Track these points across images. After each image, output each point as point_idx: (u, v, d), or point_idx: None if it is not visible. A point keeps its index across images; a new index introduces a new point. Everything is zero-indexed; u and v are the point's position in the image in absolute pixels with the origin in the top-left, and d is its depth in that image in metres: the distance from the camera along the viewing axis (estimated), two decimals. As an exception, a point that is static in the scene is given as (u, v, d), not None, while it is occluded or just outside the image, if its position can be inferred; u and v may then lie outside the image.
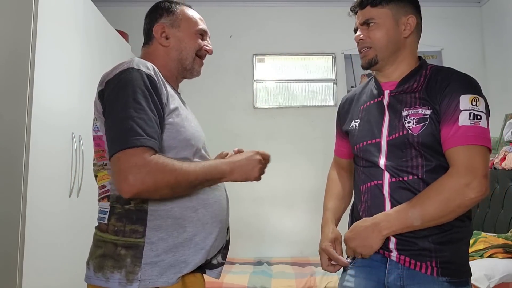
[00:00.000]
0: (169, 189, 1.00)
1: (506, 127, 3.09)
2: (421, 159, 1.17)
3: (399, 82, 1.26)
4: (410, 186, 1.17)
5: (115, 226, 1.06)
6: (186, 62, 1.24)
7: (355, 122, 1.33)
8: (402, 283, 1.17)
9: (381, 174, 1.21)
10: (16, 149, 1.73)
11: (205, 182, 1.07)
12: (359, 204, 1.28)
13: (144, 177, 0.95)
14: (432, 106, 1.18)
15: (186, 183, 1.02)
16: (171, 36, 1.22)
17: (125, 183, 0.95)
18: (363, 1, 1.27)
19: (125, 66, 1.06)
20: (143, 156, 0.96)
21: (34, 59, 1.79)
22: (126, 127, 0.97)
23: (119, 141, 0.97)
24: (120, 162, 0.96)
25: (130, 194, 0.96)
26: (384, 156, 1.21)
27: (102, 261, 1.05)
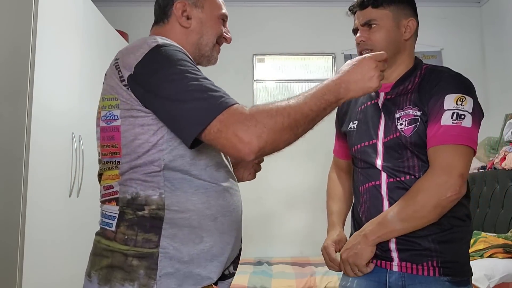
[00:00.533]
0: (288, 131, 0.87)
1: (506, 127, 3.09)
2: (416, 160, 1.18)
3: (394, 84, 1.26)
4: (408, 186, 1.17)
5: (125, 235, 0.93)
6: (206, 48, 1.12)
7: (353, 123, 1.33)
8: (404, 283, 1.17)
9: (379, 174, 1.22)
10: (16, 149, 1.73)
11: (322, 111, 0.92)
12: (359, 205, 1.29)
13: (256, 130, 0.83)
14: (421, 107, 1.18)
15: (302, 119, 0.88)
16: (193, 17, 1.09)
17: (241, 144, 0.82)
18: (364, 2, 1.25)
19: (153, 44, 0.93)
20: (239, 112, 0.84)
21: (34, 59, 1.80)
22: (202, 96, 0.86)
23: (204, 114, 0.84)
24: (221, 131, 0.83)
25: (254, 154, 0.83)
26: (381, 157, 1.22)
27: (109, 272, 0.92)
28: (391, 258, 1.19)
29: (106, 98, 0.98)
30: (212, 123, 0.84)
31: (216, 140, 0.85)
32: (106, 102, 0.98)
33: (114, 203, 0.96)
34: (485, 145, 3.30)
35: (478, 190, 3.22)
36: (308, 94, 0.92)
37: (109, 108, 0.97)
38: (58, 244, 1.99)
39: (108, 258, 0.94)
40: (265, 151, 0.86)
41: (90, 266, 0.98)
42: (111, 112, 0.96)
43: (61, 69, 2.07)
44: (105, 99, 0.99)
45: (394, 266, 1.18)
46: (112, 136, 0.96)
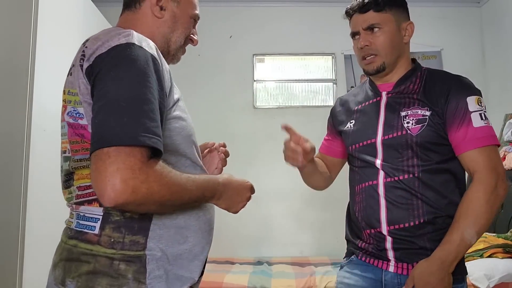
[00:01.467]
0: (158, 205, 0.84)
1: (506, 127, 3.10)
2: (416, 159, 1.18)
3: (396, 83, 1.28)
4: (405, 186, 1.18)
5: (111, 238, 0.87)
6: (173, 46, 1.07)
7: (350, 123, 1.34)
8: (399, 281, 1.19)
9: (376, 174, 1.23)
10: (16, 149, 1.73)
11: (194, 203, 0.93)
12: (354, 205, 1.29)
13: (137, 185, 0.76)
14: (432, 107, 1.19)
15: (178, 202, 0.87)
16: (168, 9, 1.04)
17: (111, 188, 0.74)
18: (365, 5, 1.24)
19: (123, 40, 0.86)
20: (141, 158, 0.77)
21: (34, 59, 1.79)
22: (122, 119, 0.78)
23: (112, 134, 0.77)
24: (109, 159, 0.76)
25: (113, 203, 0.76)
26: (380, 156, 1.23)
27: (91, 279, 0.85)
28: (387, 258, 1.20)
29: (71, 92, 0.94)
30: (111, 148, 0.76)
31: (97, 161, 0.77)
32: (71, 96, 0.93)
33: (97, 204, 0.90)
34: (485, 145, 3.29)
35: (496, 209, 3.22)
36: (198, 182, 0.90)
37: (74, 104, 0.92)
38: (58, 244, 1.98)
39: (89, 264, 0.87)
40: (124, 207, 0.80)
41: (63, 274, 0.89)
42: (75, 109, 0.92)
43: (61, 70, 2.07)
44: (70, 92, 0.94)
45: (391, 266, 1.20)
46: (82, 134, 0.91)
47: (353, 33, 1.30)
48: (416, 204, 1.17)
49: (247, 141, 3.67)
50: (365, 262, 1.25)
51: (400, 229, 1.18)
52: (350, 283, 1.26)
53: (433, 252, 1.12)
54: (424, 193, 1.17)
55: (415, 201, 1.17)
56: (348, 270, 1.29)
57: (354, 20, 1.28)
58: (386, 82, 1.30)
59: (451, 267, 1.11)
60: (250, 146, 3.66)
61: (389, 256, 1.20)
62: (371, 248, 1.24)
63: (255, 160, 3.63)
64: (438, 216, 1.16)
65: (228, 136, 3.71)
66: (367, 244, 1.25)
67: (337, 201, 2.14)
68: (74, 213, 0.95)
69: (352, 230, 1.33)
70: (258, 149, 3.66)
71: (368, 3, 1.24)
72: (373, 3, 1.23)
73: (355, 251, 1.30)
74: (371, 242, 1.24)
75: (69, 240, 0.93)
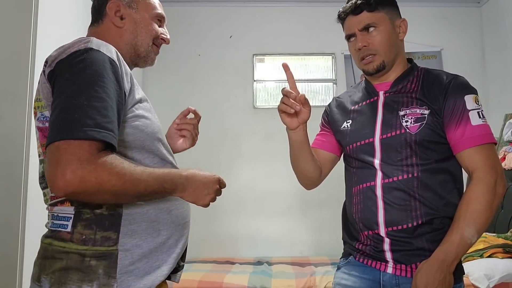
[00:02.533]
0: (111, 195, 0.85)
1: (505, 127, 3.10)
2: (415, 158, 1.18)
3: (393, 83, 1.28)
4: (404, 186, 1.18)
5: (82, 235, 0.91)
6: (141, 49, 1.11)
7: (347, 122, 1.33)
8: (397, 281, 1.18)
9: (374, 175, 1.22)
10: (17, 149, 1.73)
11: (154, 194, 0.93)
12: (352, 206, 1.28)
13: (85, 175, 0.80)
14: (430, 106, 1.19)
15: (133, 192, 0.88)
16: (127, 17, 1.09)
17: (61, 177, 0.79)
18: (358, 7, 1.24)
19: (82, 46, 0.91)
20: (89, 150, 0.81)
21: (34, 59, 1.80)
22: (73, 114, 0.83)
23: (63, 128, 0.82)
24: (59, 152, 0.80)
25: (63, 192, 0.80)
26: (379, 155, 1.22)
27: (63, 275, 0.89)
28: (385, 259, 1.20)
29: (38, 99, 0.99)
30: (61, 142, 0.81)
31: (49, 154, 0.82)
32: (38, 102, 0.99)
33: (68, 204, 0.95)
34: (485, 145, 3.29)
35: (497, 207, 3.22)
36: (158, 173, 0.92)
37: (41, 109, 0.97)
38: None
39: (62, 260, 0.91)
40: (76, 196, 0.83)
41: (38, 271, 0.94)
42: (42, 113, 0.97)
43: (61, 69, 2.07)
44: (38, 99, 0.99)
45: (389, 268, 1.19)
46: None
47: (348, 35, 1.29)
48: (414, 205, 1.17)
49: (247, 141, 3.68)
50: (362, 264, 1.25)
51: (398, 231, 1.17)
52: (348, 284, 1.26)
53: (433, 253, 1.12)
54: (423, 194, 1.17)
55: (413, 202, 1.17)
56: (346, 271, 1.29)
57: (348, 23, 1.28)
58: (383, 82, 1.30)
59: (451, 267, 1.10)
60: (250, 146, 3.66)
61: (387, 258, 1.20)
62: (368, 250, 1.23)
63: (255, 160, 3.63)
64: (436, 217, 1.16)
65: (228, 136, 3.72)
66: (364, 246, 1.25)
67: (336, 201, 2.14)
68: (50, 214, 1.00)
69: (349, 231, 1.33)
70: (258, 149, 3.66)
71: (360, 4, 1.23)
72: (366, 4, 1.23)
73: (352, 252, 1.30)
74: (368, 244, 1.23)
75: (46, 239, 0.98)
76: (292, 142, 1.28)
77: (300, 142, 1.27)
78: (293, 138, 1.26)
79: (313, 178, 1.37)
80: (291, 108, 1.17)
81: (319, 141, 1.44)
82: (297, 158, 1.32)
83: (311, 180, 1.38)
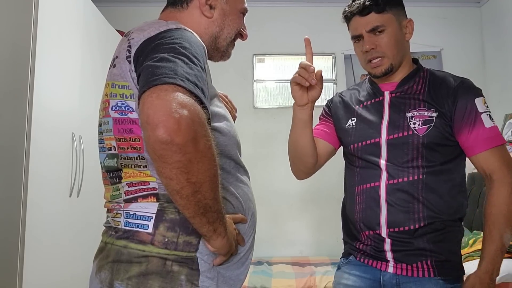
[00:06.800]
0: (201, 174, 0.73)
1: (506, 127, 3.09)
2: (421, 160, 1.18)
3: (399, 83, 1.27)
4: (408, 188, 1.17)
5: (165, 237, 0.83)
6: (223, 43, 1.03)
7: (351, 120, 1.31)
8: (398, 281, 1.19)
9: (379, 175, 1.21)
10: (17, 149, 1.73)
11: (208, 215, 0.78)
12: (354, 205, 1.27)
13: (189, 123, 0.68)
14: (438, 109, 1.19)
15: (212, 187, 0.76)
16: (217, 7, 1.00)
17: (170, 116, 0.67)
18: (365, 8, 1.21)
19: (173, 26, 0.85)
20: (191, 99, 0.71)
21: (34, 59, 1.79)
22: (179, 63, 0.74)
23: (159, 76, 0.72)
24: (157, 93, 0.70)
25: (169, 135, 0.67)
26: (385, 156, 1.21)
27: (142, 281, 0.81)
28: (386, 259, 1.20)
29: (116, 85, 0.87)
30: (153, 88, 0.71)
31: (146, 101, 0.71)
32: (118, 89, 0.87)
33: (154, 199, 0.85)
34: (485, 145, 3.30)
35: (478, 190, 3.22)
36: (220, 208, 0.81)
37: (121, 97, 0.86)
38: (58, 244, 1.99)
39: (140, 265, 0.82)
40: (183, 143, 0.69)
41: (111, 276, 0.84)
42: (124, 102, 0.86)
43: (61, 69, 2.07)
44: (115, 85, 0.88)
45: (390, 267, 1.20)
46: (130, 129, 0.85)
47: (355, 36, 1.26)
48: (417, 208, 1.16)
49: (247, 141, 3.67)
50: (363, 263, 1.25)
51: (400, 232, 1.17)
52: (349, 283, 1.26)
53: (480, 267, 1.15)
54: (426, 196, 1.17)
55: (416, 204, 1.17)
56: (346, 271, 1.29)
57: (354, 23, 1.24)
58: (389, 82, 1.28)
59: (495, 275, 1.16)
60: (250, 146, 3.66)
61: (388, 257, 1.20)
62: (369, 250, 1.23)
63: (255, 160, 3.63)
64: (438, 220, 1.17)
65: (228, 136, 3.72)
66: (365, 245, 1.25)
67: (336, 201, 2.14)
68: (122, 211, 0.87)
69: (349, 230, 1.32)
70: (258, 149, 3.66)
71: (369, 5, 1.20)
72: (374, 5, 1.20)
73: (352, 252, 1.30)
74: (369, 244, 1.23)
75: (117, 240, 0.86)
76: (296, 120, 1.25)
77: (305, 122, 1.24)
78: (298, 116, 1.23)
79: (309, 164, 1.32)
80: (306, 80, 1.12)
81: (320, 130, 1.40)
82: (298, 139, 1.27)
83: (306, 166, 1.34)
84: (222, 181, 0.88)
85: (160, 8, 1.08)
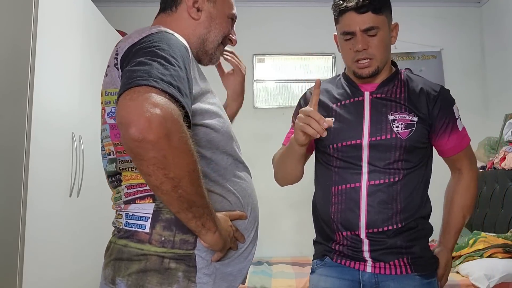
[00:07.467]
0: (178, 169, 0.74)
1: (506, 127, 3.10)
2: (401, 163, 1.21)
3: (380, 85, 1.27)
4: (388, 189, 1.20)
5: (161, 236, 0.87)
6: (210, 46, 1.06)
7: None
8: (377, 280, 1.21)
9: (359, 176, 1.22)
10: (17, 149, 1.73)
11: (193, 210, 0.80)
12: (329, 205, 1.26)
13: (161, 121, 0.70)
14: (418, 114, 1.23)
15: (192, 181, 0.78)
16: (204, 10, 1.04)
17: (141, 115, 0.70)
18: (364, 6, 1.18)
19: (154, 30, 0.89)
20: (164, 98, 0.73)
21: (34, 59, 1.79)
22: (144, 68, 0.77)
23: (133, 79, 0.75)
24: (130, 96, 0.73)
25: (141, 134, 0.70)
26: (366, 157, 1.22)
27: (141, 277, 0.86)
28: (364, 259, 1.22)
29: (109, 92, 0.93)
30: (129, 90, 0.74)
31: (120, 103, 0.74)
32: (111, 96, 0.92)
33: (150, 200, 0.89)
34: (485, 145, 3.30)
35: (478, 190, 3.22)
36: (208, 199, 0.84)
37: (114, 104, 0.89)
38: (58, 244, 1.99)
39: (140, 262, 0.87)
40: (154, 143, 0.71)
41: (113, 273, 0.89)
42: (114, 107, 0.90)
43: (61, 69, 2.07)
44: (108, 93, 0.93)
45: (368, 267, 1.21)
46: None
47: (347, 32, 1.22)
48: (396, 209, 1.20)
49: (247, 141, 3.66)
50: (340, 264, 1.25)
51: (378, 233, 1.20)
52: (327, 286, 1.25)
53: (448, 243, 1.30)
54: (404, 197, 1.20)
55: (395, 206, 1.20)
56: (323, 274, 1.27)
57: (348, 19, 1.21)
58: (369, 83, 1.27)
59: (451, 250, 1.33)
60: (250, 146, 3.65)
61: (366, 257, 1.21)
62: (346, 250, 1.23)
63: (255, 160, 3.62)
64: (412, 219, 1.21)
65: (228, 136, 3.72)
66: (341, 246, 1.24)
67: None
68: (123, 213, 0.92)
69: (322, 231, 1.31)
70: (258, 149, 3.65)
71: (367, 3, 1.17)
72: (371, 4, 1.18)
73: (327, 253, 1.28)
74: (346, 244, 1.23)
75: (119, 240, 0.92)
76: (294, 153, 1.24)
77: (302, 155, 1.25)
78: (298, 151, 1.22)
79: (295, 181, 1.37)
80: (317, 133, 1.08)
81: None
82: (291, 166, 1.30)
83: (291, 182, 1.38)
84: (218, 178, 0.93)
85: (159, 8, 1.09)
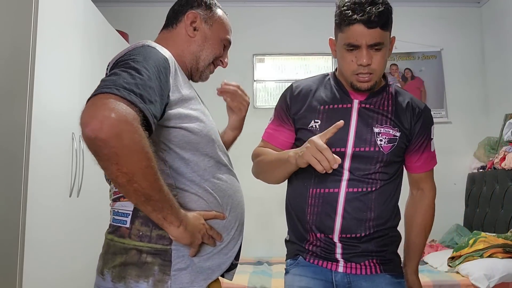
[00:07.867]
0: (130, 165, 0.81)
1: (506, 127, 3.10)
2: (379, 174, 1.25)
3: (370, 95, 1.28)
4: (364, 198, 1.23)
5: (139, 231, 0.96)
6: (201, 63, 1.18)
7: (315, 122, 1.27)
8: (349, 280, 1.25)
9: (338, 183, 1.23)
10: (17, 149, 1.73)
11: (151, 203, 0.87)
12: (305, 206, 1.26)
13: (113, 122, 0.78)
14: (401, 128, 1.26)
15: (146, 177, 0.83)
16: (200, 30, 1.15)
17: (94, 117, 0.78)
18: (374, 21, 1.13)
19: (139, 44, 0.99)
20: (122, 104, 0.80)
21: (34, 59, 1.79)
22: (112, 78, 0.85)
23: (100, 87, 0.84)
24: (92, 101, 0.82)
25: (93, 133, 0.78)
26: (347, 166, 1.24)
27: (123, 270, 0.95)
28: (336, 259, 1.25)
29: None
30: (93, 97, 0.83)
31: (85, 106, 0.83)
32: None
33: None
34: (485, 145, 3.30)
35: (478, 190, 3.22)
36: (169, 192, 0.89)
37: None
38: (58, 243, 1.99)
39: (122, 256, 0.96)
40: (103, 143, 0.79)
41: (102, 265, 1.00)
42: None
43: (61, 69, 2.07)
44: None
45: (340, 267, 1.25)
46: None
47: (352, 44, 1.18)
48: (369, 217, 1.24)
49: (247, 141, 3.64)
50: (313, 264, 1.27)
51: (351, 238, 1.23)
52: (302, 285, 1.26)
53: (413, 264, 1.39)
54: (377, 206, 1.24)
55: (369, 214, 1.24)
56: (297, 273, 1.28)
57: (356, 31, 1.16)
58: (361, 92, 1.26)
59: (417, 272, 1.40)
60: (250, 146, 3.62)
61: (338, 258, 1.25)
62: (319, 251, 1.26)
63: (255, 160, 3.63)
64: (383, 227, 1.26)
65: (228, 136, 3.72)
66: (314, 246, 1.27)
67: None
68: (111, 209, 1.04)
69: (296, 230, 1.31)
70: (258, 149, 3.66)
71: (377, 19, 1.14)
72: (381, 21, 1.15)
73: (300, 253, 1.30)
74: (319, 245, 1.26)
75: (108, 235, 1.02)
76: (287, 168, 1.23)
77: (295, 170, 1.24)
78: (293, 168, 1.21)
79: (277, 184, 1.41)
80: (325, 170, 1.08)
81: (270, 135, 1.41)
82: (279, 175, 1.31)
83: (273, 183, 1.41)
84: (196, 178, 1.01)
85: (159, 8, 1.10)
